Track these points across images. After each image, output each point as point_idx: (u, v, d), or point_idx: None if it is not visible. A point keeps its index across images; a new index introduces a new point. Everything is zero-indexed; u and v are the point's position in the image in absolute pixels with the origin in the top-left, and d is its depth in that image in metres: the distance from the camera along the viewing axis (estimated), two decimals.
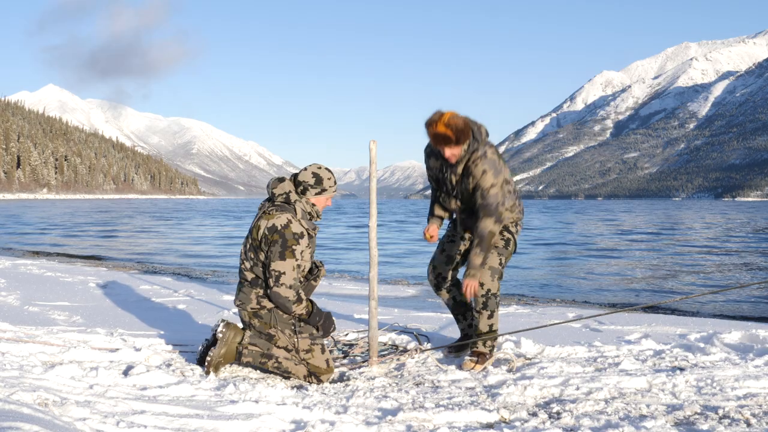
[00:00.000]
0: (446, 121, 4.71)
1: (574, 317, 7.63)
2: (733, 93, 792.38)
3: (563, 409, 3.88)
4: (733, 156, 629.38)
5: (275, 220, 4.64)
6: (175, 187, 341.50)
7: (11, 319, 6.36)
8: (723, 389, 4.21)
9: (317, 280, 4.96)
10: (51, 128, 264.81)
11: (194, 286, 10.19)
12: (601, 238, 27.35)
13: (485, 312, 5.02)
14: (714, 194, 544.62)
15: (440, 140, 4.78)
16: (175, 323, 6.70)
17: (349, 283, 12.21)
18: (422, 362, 5.19)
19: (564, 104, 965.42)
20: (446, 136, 4.74)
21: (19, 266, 12.07)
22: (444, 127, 4.72)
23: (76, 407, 3.50)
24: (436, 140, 4.80)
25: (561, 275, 14.43)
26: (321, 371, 4.71)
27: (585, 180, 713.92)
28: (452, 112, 4.75)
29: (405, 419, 3.72)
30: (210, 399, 4.01)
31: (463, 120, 4.75)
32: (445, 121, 4.71)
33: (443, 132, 4.73)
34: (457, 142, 4.77)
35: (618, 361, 4.99)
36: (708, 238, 27.72)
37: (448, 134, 4.73)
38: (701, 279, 13.81)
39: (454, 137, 4.74)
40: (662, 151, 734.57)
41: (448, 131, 4.72)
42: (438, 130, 4.74)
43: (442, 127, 4.72)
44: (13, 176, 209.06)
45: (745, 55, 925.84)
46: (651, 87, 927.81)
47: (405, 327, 6.51)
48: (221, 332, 4.73)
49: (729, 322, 7.60)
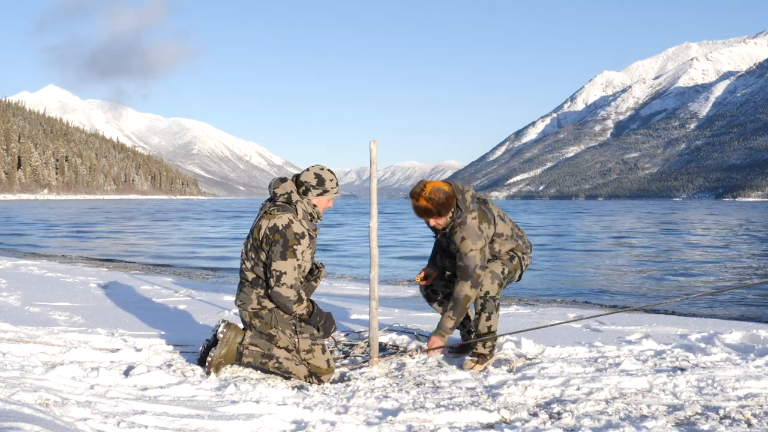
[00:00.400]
0: (427, 195, 4.91)
1: (575, 317, 7.63)
2: (734, 93, 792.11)
3: (564, 410, 3.88)
4: (734, 156, 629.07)
5: (276, 220, 4.64)
6: (175, 188, 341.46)
7: (12, 319, 6.36)
8: (724, 389, 4.21)
9: (317, 281, 4.96)
10: (52, 129, 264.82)
11: (195, 286, 10.20)
12: (601, 238, 27.34)
13: (483, 314, 5.05)
14: (715, 194, 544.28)
15: (422, 212, 4.99)
16: (176, 323, 6.70)
17: (350, 283, 12.21)
18: (423, 362, 5.18)
19: (564, 104, 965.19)
20: (428, 209, 4.94)
21: (20, 267, 12.08)
22: (425, 201, 4.93)
23: (77, 407, 3.51)
24: (418, 212, 5.01)
25: (561, 275, 14.42)
26: (322, 371, 4.71)
27: (585, 180, 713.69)
28: (435, 184, 4.95)
29: (406, 419, 3.72)
30: (211, 399, 4.01)
31: (444, 193, 4.92)
32: (426, 195, 4.91)
33: (424, 206, 4.94)
34: (439, 214, 4.96)
35: (619, 362, 4.99)
36: (709, 238, 27.72)
37: (429, 207, 4.93)
38: (702, 279, 13.81)
39: (435, 210, 4.93)
40: (663, 152, 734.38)
41: (429, 205, 4.92)
42: (420, 203, 4.95)
43: (423, 201, 4.93)
44: (13, 177, 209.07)
45: (745, 55, 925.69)
46: (652, 87, 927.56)
47: (405, 327, 6.52)
48: (222, 332, 4.73)
49: (730, 323, 7.61)
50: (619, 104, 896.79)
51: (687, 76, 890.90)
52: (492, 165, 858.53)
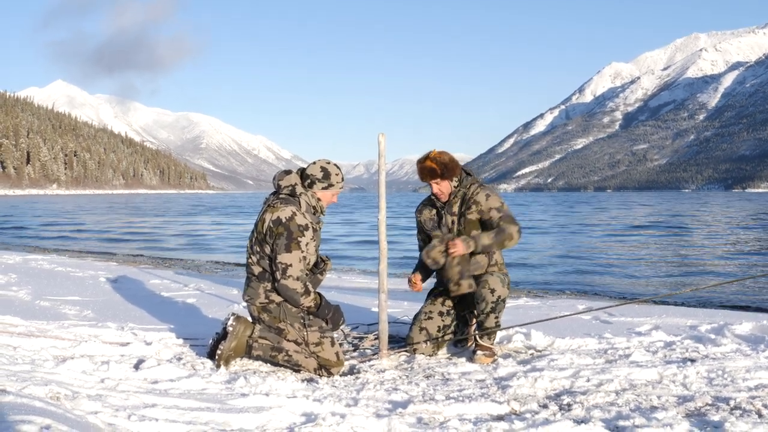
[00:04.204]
0: (433, 156, 5.09)
1: (584, 309, 7.62)
2: (743, 84, 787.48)
3: (574, 401, 3.87)
4: (743, 147, 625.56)
5: (280, 212, 4.65)
6: (184, 182, 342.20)
7: (23, 313, 6.38)
8: (734, 380, 4.19)
9: (323, 274, 4.96)
10: (60, 124, 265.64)
11: (204, 280, 10.22)
12: (610, 230, 27.27)
13: (492, 314, 5.07)
14: (724, 185, 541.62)
15: (426, 173, 5.12)
16: (185, 317, 6.72)
17: (358, 276, 12.22)
18: (432, 355, 5.19)
19: (573, 96, 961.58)
20: (432, 169, 5.08)
21: (29, 261, 12.13)
22: (430, 162, 5.09)
23: (87, 401, 3.52)
24: (422, 173, 5.14)
25: (570, 267, 14.39)
26: (331, 364, 4.72)
27: (594, 172, 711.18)
28: (440, 150, 5.15)
29: (415, 411, 3.72)
30: (221, 392, 4.02)
31: (449, 156, 5.14)
32: (432, 156, 5.09)
33: (429, 165, 5.09)
34: (443, 176, 5.10)
35: (629, 353, 4.98)
36: (718, 229, 27.61)
37: (434, 167, 5.07)
38: (712, 270, 13.76)
39: (440, 170, 5.07)
40: (672, 143, 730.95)
41: (434, 164, 5.07)
42: (425, 164, 5.11)
43: (429, 161, 5.10)
44: (23, 172, 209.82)
45: (755, 45, 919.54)
46: (660, 78, 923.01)
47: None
48: (231, 326, 4.74)
49: (740, 313, 7.58)
50: (628, 96, 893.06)
51: (696, 66, 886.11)
52: (500, 157, 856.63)
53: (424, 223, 5.33)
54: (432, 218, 5.29)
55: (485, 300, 5.02)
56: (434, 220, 5.27)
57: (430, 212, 5.32)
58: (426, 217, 5.33)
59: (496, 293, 5.02)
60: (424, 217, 5.34)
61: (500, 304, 5.06)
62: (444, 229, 5.20)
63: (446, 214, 5.20)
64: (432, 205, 5.32)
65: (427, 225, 5.32)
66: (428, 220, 5.30)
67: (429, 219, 5.30)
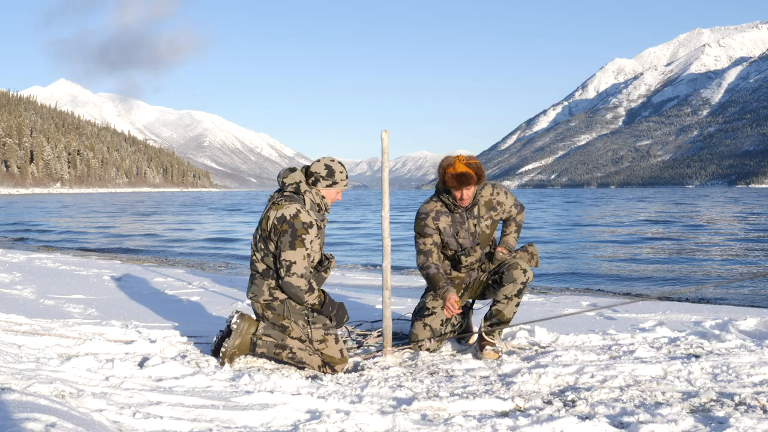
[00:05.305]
0: (465, 161, 4.83)
1: (588, 306, 7.61)
2: (746, 79, 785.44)
3: (578, 397, 3.88)
4: (747, 143, 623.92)
5: (284, 210, 4.65)
6: (187, 180, 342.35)
7: (27, 312, 6.40)
8: (739, 376, 4.19)
9: (327, 272, 4.95)
10: (63, 123, 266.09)
11: (208, 278, 10.23)
12: (614, 227, 27.23)
13: (515, 299, 5.05)
14: (728, 181, 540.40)
15: (464, 180, 4.84)
16: (190, 315, 6.73)
17: (362, 273, 12.23)
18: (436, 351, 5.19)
19: (576, 92, 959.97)
20: (470, 176, 4.84)
21: (34, 260, 12.16)
22: (465, 167, 4.82)
23: (92, 399, 3.53)
24: (459, 181, 4.84)
25: (574, 264, 14.38)
26: (335, 361, 4.72)
27: (597, 168, 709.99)
28: (467, 155, 4.93)
29: (420, 408, 3.72)
30: (225, 390, 4.03)
31: (476, 160, 4.92)
32: (464, 160, 4.83)
33: (465, 171, 4.82)
34: (479, 179, 4.92)
35: (633, 349, 4.98)
36: (722, 225, 27.55)
37: (472, 174, 4.84)
38: (716, 267, 13.73)
39: (476, 175, 4.87)
40: (675, 139, 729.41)
41: (470, 170, 4.83)
42: (460, 170, 4.82)
43: (463, 166, 4.83)
44: (26, 171, 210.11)
45: (758, 40, 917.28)
46: (663, 74, 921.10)
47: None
48: (235, 323, 4.75)
49: (744, 309, 7.56)
50: (631, 92, 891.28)
51: (699, 62, 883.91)
52: (503, 154, 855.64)
53: (444, 230, 5.14)
54: (449, 224, 5.14)
55: (515, 281, 4.98)
56: (451, 226, 5.15)
57: (447, 219, 5.14)
58: (445, 224, 5.13)
59: (527, 274, 5.01)
60: (443, 224, 5.13)
61: (526, 287, 5.07)
62: (465, 233, 5.12)
63: (468, 219, 5.12)
64: (448, 210, 5.13)
65: (447, 232, 5.14)
66: (448, 227, 5.14)
67: (449, 225, 5.14)
